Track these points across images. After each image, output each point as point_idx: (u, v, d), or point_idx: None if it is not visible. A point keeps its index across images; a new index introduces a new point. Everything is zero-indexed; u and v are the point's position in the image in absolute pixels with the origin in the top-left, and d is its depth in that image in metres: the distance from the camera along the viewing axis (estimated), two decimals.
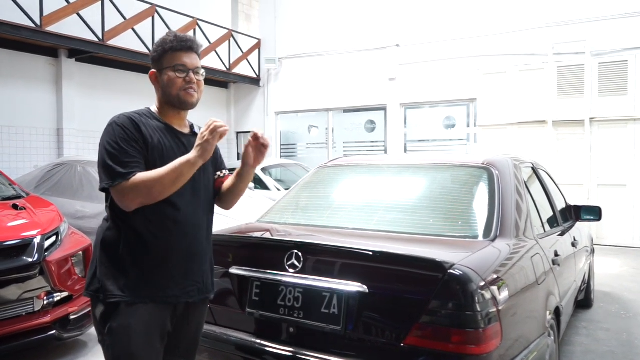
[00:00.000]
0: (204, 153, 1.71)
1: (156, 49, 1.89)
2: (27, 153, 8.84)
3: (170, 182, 1.71)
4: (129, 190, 1.70)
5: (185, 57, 1.87)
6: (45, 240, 3.49)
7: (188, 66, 1.86)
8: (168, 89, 1.87)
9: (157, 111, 1.93)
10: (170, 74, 1.85)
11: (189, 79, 1.86)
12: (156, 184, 1.70)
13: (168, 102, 1.90)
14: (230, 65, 12.02)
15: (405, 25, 10.79)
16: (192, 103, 1.90)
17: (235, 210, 2.24)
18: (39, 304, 3.36)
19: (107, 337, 1.78)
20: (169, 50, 1.86)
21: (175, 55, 1.86)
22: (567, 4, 9.14)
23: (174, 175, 1.70)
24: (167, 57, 1.86)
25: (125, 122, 1.79)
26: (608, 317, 4.61)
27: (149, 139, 1.80)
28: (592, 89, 8.51)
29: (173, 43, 1.86)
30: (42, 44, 8.62)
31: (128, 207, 1.73)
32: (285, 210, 3.15)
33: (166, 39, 1.88)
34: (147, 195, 1.71)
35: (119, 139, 1.75)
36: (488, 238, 2.38)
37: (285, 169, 9.90)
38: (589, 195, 8.49)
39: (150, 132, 1.82)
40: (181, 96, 1.86)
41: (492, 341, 1.91)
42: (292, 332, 2.24)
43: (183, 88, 1.86)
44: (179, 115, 1.94)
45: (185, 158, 1.72)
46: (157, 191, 1.71)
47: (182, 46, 1.87)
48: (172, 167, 1.71)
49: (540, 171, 3.71)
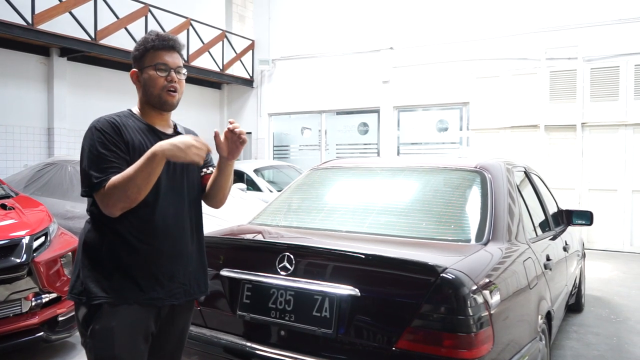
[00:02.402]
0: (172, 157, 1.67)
1: (138, 48, 1.86)
2: (17, 152, 8.76)
3: (143, 180, 1.65)
4: (108, 197, 1.66)
5: (167, 56, 1.84)
6: (33, 241, 3.45)
7: (170, 65, 1.84)
8: (149, 88, 1.84)
9: (139, 112, 1.90)
10: (152, 72, 1.83)
11: (170, 78, 1.83)
12: (130, 185, 1.65)
13: (148, 102, 1.87)
14: (223, 66, 11.99)
15: (399, 28, 10.81)
16: (173, 103, 1.86)
17: (227, 211, 2.23)
18: (26, 305, 3.32)
19: (90, 339, 1.75)
20: (150, 49, 1.83)
21: (157, 54, 1.83)
22: (560, 10, 9.20)
23: (146, 172, 1.65)
24: (148, 56, 1.84)
25: (104, 126, 1.75)
26: (598, 321, 4.63)
27: (130, 141, 1.77)
28: (584, 94, 8.57)
29: (155, 42, 1.84)
30: (34, 43, 8.55)
31: (112, 213, 1.69)
32: (278, 213, 3.14)
33: (148, 37, 1.85)
34: (125, 198, 1.66)
35: (97, 143, 1.72)
36: (480, 242, 2.37)
37: (277, 171, 9.88)
38: (580, 199, 8.54)
39: (131, 133, 1.79)
40: (162, 96, 1.84)
41: (483, 345, 1.90)
42: (283, 335, 2.23)
43: (165, 88, 1.83)
44: (161, 115, 1.90)
45: (152, 152, 1.66)
46: (133, 192, 1.65)
47: (163, 45, 1.84)
48: (141, 164, 1.65)
49: (533, 175, 3.72)
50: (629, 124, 8.25)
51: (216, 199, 2.00)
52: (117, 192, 1.65)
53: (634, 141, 8.26)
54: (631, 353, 3.86)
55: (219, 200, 2.01)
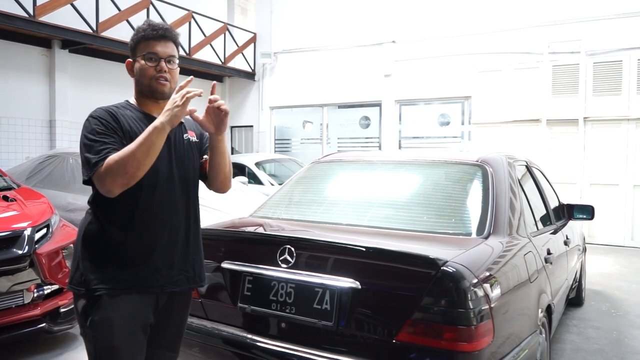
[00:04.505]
0: (172, 118, 1.68)
1: (132, 38, 1.87)
2: (18, 144, 8.76)
3: (143, 154, 1.65)
4: (105, 174, 1.66)
5: (158, 46, 1.84)
6: (35, 233, 3.46)
7: (160, 54, 1.84)
8: (140, 77, 1.86)
9: (136, 102, 1.92)
10: (142, 62, 1.84)
11: (160, 68, 1.83)
12: (129, 159, 1.64)
13: (141, 91, 1.89)
14: (225, 59, 11.96)
15: (401, 22, 10.77)
16: (164, 92, 1.85)
17: (228, 204, 2.23)
18: (28, 297, 3.33)
19: (89, 330, 1.76)
20: (142, 39, 1.84)
21: (148, 43, 1.83)
22: (562, 4, 9.15)
23: (145, 146, 1.65)
24: (140, 46, 1.85)
25: (100, 114, 1.78)
26: (598, 315, 4.64)
27: (128, 129, 1.78)
28: (586, 88, 8.54)
29: (146, 31, 1.84)
30: (35, 34, 8.52)
31: (110, 191, 1.68)
32: (279, 205, 3.14)
33: (140, 27, 1.86)
34: (124, 173, 1.64)
35: (94, 131, 1.73)
36: (481, 235, 2.38)
37: (279, 164, 9.88)
38: (581, 194, 8.54)
39: (129, 122, 1.81)
40: (152, 85, 1.84)
41: (484, 338, 1.91)
42: (283, 328, 2.23)
43: (154, 77, 1.83)
44: (158, 104, 1.90)
45: (152, 125, 1.68)
46: (132, 166, 1.64)
47: (154, 34, 1.84)
48: (142, 138, 1.66)
49: (534, 169, 3.72)
50: (631, 119, 8.23)
51: (218, 181, 1.98)
52: (116, 167, 1.65)
53: (636, 136, 8.24)
54: (631, 347, 3.87)
55: (222, 182, 1.98)
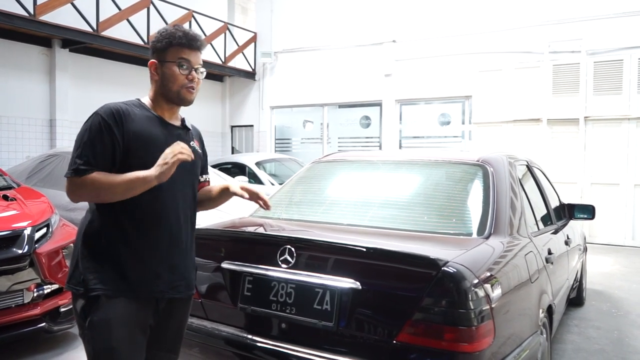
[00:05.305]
0: (161, 175, 1.68)
1: (161, 39, 1.84)
2: (19, 143, 8.76)
3: (120, 194, 1.70)
4: (78, 187, 1.70)
5: (192, 54, 1.85)
6: (35, 232, 3.46)
7: (192, 63, 1.84)
8: (168, 83, 1.83)
9: (150, 102, 1.89)
10: (174, 68, 1.82)
11: (191, 77, 1.84)
12: (107, 190, 1.69)
13: (165, 95, 1.86)
14: (225, 59, 11.95)
15: (401, 22, 10.75)
16: (190, 100, 1.88)
17: (228, 204, 2.22)
18: (28, 296, 3.33)
19: (88, 331, 1.75)
20: (176, 45, 1.82)
21: (182, 50, 1.83)
22: (563, 3, 9.13)
23: (126, 188, 1.69)
24: (172, 51, 1.83)
25: (106, 113, 1.75)
26: (599, 315, 4.64)
27: (133, 129, 1.76)
28: (587, 87, 8.53)
29: (182, 39, 1.83)
30: (36, 34, 8.52)
31: (72, 200, 1.74)
32: (279, 205, 3.13)
33: (174, 32, 1.83)
34: (95, 197, 1.74)
35: (93, 131, 1.72)
36: (482, 235, 2.37)
37: (279, 164, 9.87)
38: (582, 193, 8.53)
39: (136, 122, 1.78)
40: (181, 93, 1.85)
41: (484, 339, 1.90)
42: (284, 328, 2.23)
43: (184, 85, 1.84)
44: (172, 109, 1.91)
45: (142, 174, 1.68)
46: (106, 197, 1.72)
47: (190, 45, 1.84)
48: (127, 179, 1.68)
49: (535, 169, 3.71)
50: (632, 118, 8.22)
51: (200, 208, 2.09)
52: (91, 189, 1.69)
53: (636, 135, 8.23)
54: (632, 347, 3.86)
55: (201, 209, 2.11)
